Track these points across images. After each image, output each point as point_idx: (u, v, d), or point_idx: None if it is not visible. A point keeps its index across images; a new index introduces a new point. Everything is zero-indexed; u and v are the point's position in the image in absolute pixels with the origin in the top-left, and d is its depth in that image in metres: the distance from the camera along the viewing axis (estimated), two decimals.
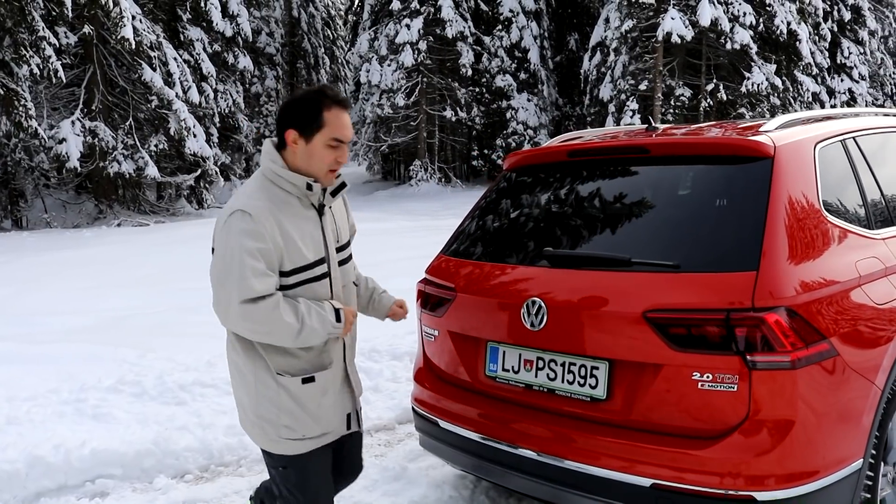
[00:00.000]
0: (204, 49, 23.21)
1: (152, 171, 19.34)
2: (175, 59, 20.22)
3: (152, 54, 19.07)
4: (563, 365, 2.93)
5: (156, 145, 19.85)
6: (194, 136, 20.25)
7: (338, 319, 2.51)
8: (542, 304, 2.94)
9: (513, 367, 3.10)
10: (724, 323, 2.52)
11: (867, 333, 2.84)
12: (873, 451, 2.81)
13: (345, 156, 2.54)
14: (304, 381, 2.54)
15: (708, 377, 2.54)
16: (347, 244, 2.76)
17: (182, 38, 22.44)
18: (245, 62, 26.41)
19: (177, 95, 19.64)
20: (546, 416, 2.97)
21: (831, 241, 2.86)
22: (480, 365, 3.24)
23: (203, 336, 6.49)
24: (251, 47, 29.27)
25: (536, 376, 3.01)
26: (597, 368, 2.82)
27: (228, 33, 24.82)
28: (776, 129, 3.09)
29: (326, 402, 2.60)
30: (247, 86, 29.72)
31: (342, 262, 2.68)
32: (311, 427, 2.57)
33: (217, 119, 23.78)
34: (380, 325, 3.42)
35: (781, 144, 2.89)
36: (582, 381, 2.86)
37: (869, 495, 2.81)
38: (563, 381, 2.92)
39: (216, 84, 23.99)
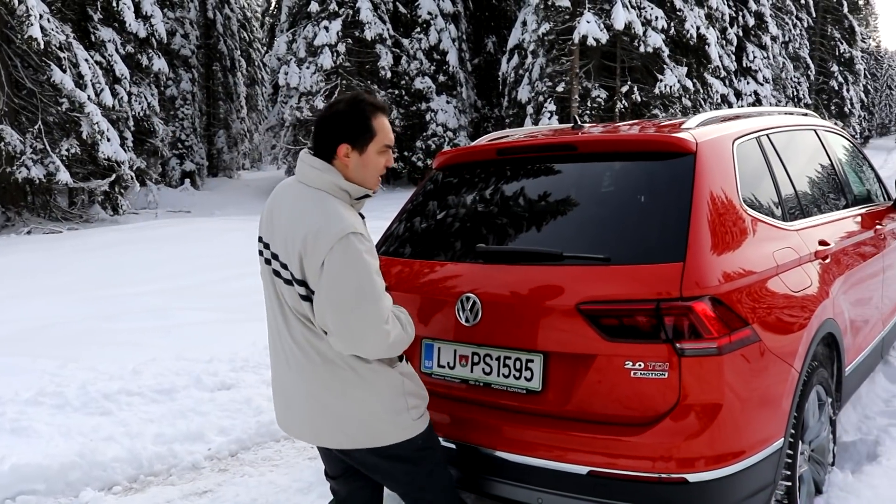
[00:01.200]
0: (116, 50, 22.51)
1: (64, 176, 18.62)
2: (86, 60, 19.54)
3: (62, 55, 18.40)
4: (498, 359, 2.97)
5: (67, 150, 19.11)
6: (108, 140, 19.62)
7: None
8: (476, 300, 2.98)
9: (448, 363, 3.13)
10: (654, 312, 2.61)
11: (785, 320, 2.99)
12: (792, 431, 2.96)
13: (391, 158, 2.61)
14: (406, 360, 2.70)
15: (640, 365, 2.62)
16: None
17: (93, 39, 21.72)
18: (160, 64, 25.73)
19: (89, 98, 18.99)
20: (483, 410, 3.01)
21: (750, 233, 3.00)
22: (415, 362, 3.25)
23: (127, 344, 6.34)
24: (166, 49, 28.55)
25: (472, 371, 3.05)
26: (532, 361, 2.87)
27: (142, 34, 24.13)
28: (696, 126, 3.21)
29: (412, 370, 2.73)
30: (162, 88, 28.97)
31: None
32: (424, 395, 2.71)
33: (132, 122, 23.08)
34: None
35: (703, 141, 3.01)
36: (517, 375, 2.91)
37: (789, 472, 2.96)
38: (498, 375, 2.97)
39: (130, 86, 23.28)
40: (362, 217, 2.61)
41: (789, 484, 2.98)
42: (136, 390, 5.17)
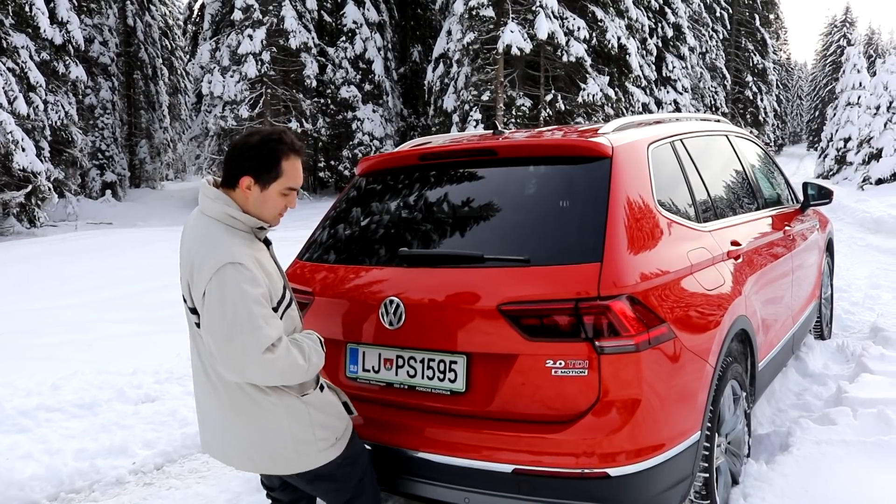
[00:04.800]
0: (31, 57, 21.77)
1: None
2: None
3: None
4: (422, 361, 3.00)
5: None
6: (23, 149, 18.97)
7: (322, 347, 2.69)
8: (400, 303, 3.01)
9: (373, 367, 3.15)
10: (573, 311, 2.68)
11: (700, 317, 3.10)
12: (709, 425, 3.07)
13: (294, 201, 2.62)
14: (321, 389, 2.71)
15: (560, 364, 2.69)
16: None
17: (5, 45, 20.97)
18: (78, 72, 24.97)
19: (1, 106, 18.35)
20: (410, 413, 3.04)
21: (665, 234, 3.10)
22: (341, 367, 3.26)
23: (45, 359, 6.15)
24: (84, 56, 27.76)
25: (397, 374, 3.07)
26: (455, 363, 2.91)
27: (58, 41, 23.41)
28: (612, 131, 3.31)
29: (334, 400, 2.76)
30: (80, 97, 28.15)
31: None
32: (338, 425, 2.70)
33: (48, 132, 22.33)
34: None
35: (618, 145, 3.11)
36: (441, 376, 2.94)
37: (706, 464, 3.07)
38: (423, 377, 3.00)
39: (46, 95, 22.56)
40: (268, 243, 2.69)
41: (707, 475, 3.09)
42: (55, 406, 5.01)
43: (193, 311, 2.52)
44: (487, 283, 2.89)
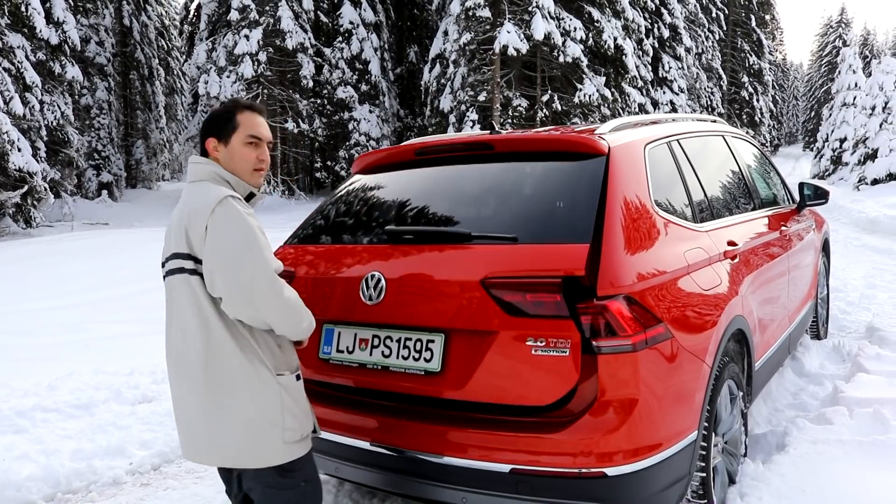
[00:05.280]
0: (27, 57, 21.74)
1: None
2: None
3: None
4: (398, 341, 2.98)
5: None
6: (19, 150, 18.94)
7: None
8: (382, 278, 3.00)
9: (347, 347, 3.13)
10: (559, 288, 2.64)
11: (697, 317, 3.10)
12: (706, 424, 3.07)
13: (266, 154, 2.65)
14: (297, 377, 2.63)
15: (541, 343, 2.67)
16: None
17: (1, 45, 20.94)
18: (74, 72, 24.94)
19: None
20: (405, 412, 3.03)
21: (662, 234, 3.11)
22: (314, 348, 3.23)
23: (42, 360, 6.14)
24: (80, 57, 27.72)
25: (371, 354, 3.05)
26: (432, 342, 2.90)
27: (54, 41, 23.38)
28: (609, 132, 3.32)
29: (304, 394, 2.68)
30: (76, 97, 28.10)
31: None
32: (306, 424, 2.62)
33: (44, 132, 22.30)
34: None
35: (615, 146, 3.12)
36: (417, 356, 2.92)
37: (703, 464, 3.08)
38: (397, 357, 2.98)
39: (42, 95, 22.52)
40: None
41: (704, 475, 3.09)
42: (52, 406, 5.01)
43: (178, 257, 2.50)
44: (473, 259, 2.87)
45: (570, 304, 2.65)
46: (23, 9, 21.50)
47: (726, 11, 49.49)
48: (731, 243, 3.70)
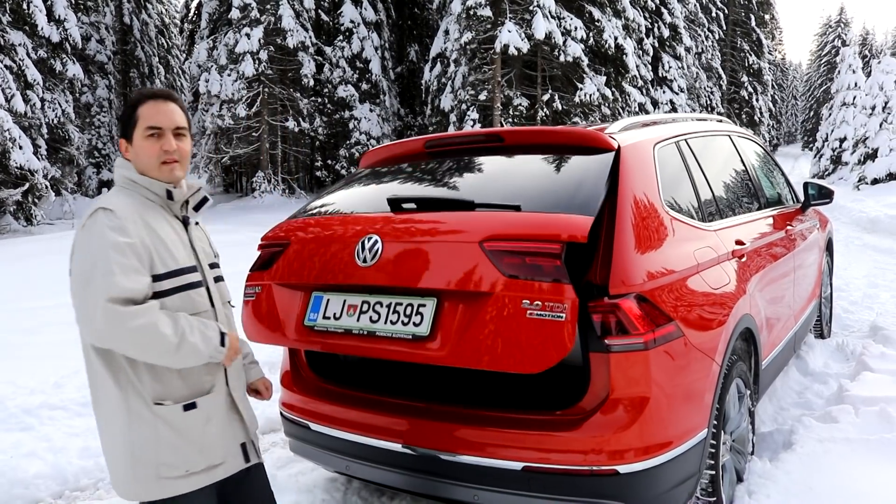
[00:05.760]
0: (28, 55, 21.73)
1: None
2: None
3: None
4: (388, 306, 2.92)
5: None
6: (20, 147, 18.93)
7: (222, 343, 2.30)
8: (379, 240, 2.95)
9: (335, 314, 3.06)
10: (558, 253, 2.58)
11: (706, 316, 3.12)
12: (715, 422, 3.09)
13: (170, 143, 2.34)
14: (186, 407, 2.28)
15: (537, 305, 2.57)
16: (218, 265, 2.57)
17: (2, 42, 20.93)
18: (75, 70, 24.92)
19: None
20: (419, 410, 3.04)
21: (672, 233, 3.12)
22: (300, 316, 3.18)
23: (47, 357, 6.14)
24: (80, 54, 27.69)
25: (358, 320, 2.97)
26: (423, 306, 2.83)
27: (55, 39, 23.37)
28: (619, 131, 3.33)
29: (211, 431, 2.34)
30: (77, 95, 28.07)
31: (218, 279, 2.51)
32: (196, 460, 2.29)
33: (45, 130, 22.31)
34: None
35: (625, 145, 3.13)
36: (406, 320, 2.85)
37: (712, 461, 3.10)
38: (385, 322, 2.90)
39: (43, 92, 22.51)
40: (186, 222, 2.45)
41: (713, 473, 3.11)
42: (58, 404, 5.01)
43: None
44: (473, 224, 2.85)
45: (568, 265, 2.59)
46: (24, 6, 21.48)
47: (726, 11, 49.47)
48: (738, 242, 3.71)
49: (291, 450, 3.71)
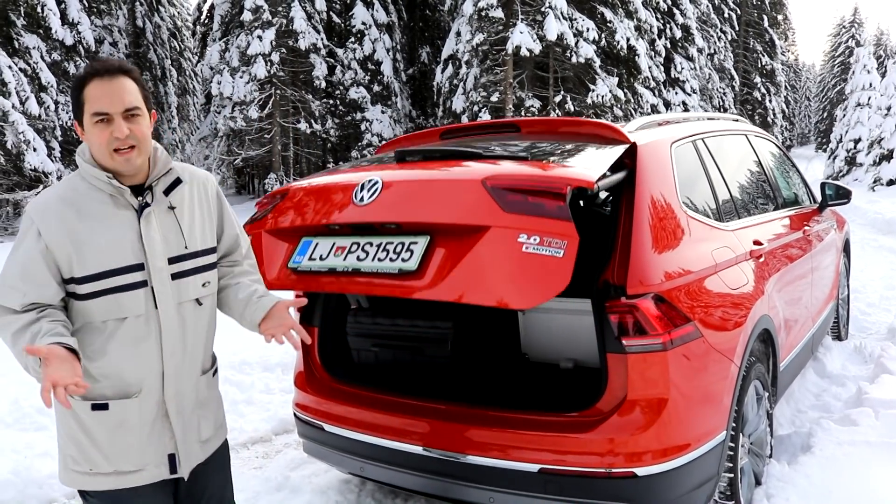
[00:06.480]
0: (42, 58, 21.84)
1: None
2: (10, 67, 18.93)
3: None
4: (378, 246, 2.82)
5: None
6: (34, 149, 19.01)
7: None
8: (380, 181, 2.88)
9: (321, 255, 2.95)
10: (563, 196, 2.50)
11: (725, 316, 3.09)
12: (733, 425, 3.05)
13: (121, 130, 2.05)
14: (95, 407, 2.10)
15: (535, 240, 2.46)
16: (198, 254, 2.25)
17: (17, 46, 21.05)
18: None
19: (13, 106, 18.40)
20: (434, 412, 3.01)
21: (689, 233, 3.09)
22: (285, 260, 3.08)
23: None
24: (94, 57, 27.81)
25: (345, 259, 2.87)
26: (415, 243, 2.73)
27: (69, 42, 23.49)
28: (636, 130, 3.30)
29: (124, 438, 2.12)
30: None
31: (181, 275, 2.19)
32: (99, 462, 2.13)
33: (59, 132, 22.42)
34: (248, 336, 2.81)
35: (642, 144, 3.09)
36: (394, 257, 2.75)
37: (731, 464, 3.05)
38: (373, 260, 2.80)
39: (57, 95, 22.62)
40: (144, 207, 2.14)
41: (732, 475, 3.07)
42: None
43: None
44: (478, 167, 2.81)
45: (573, 207, 2.54)
46: (38, 10, 21.59)
47: (738, 12, 49.24)
48: (756, 242, 3.67)
49: (305, 451, 3.69)
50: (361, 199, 2.87)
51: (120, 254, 2.09)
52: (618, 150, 2.90)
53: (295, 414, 3.64)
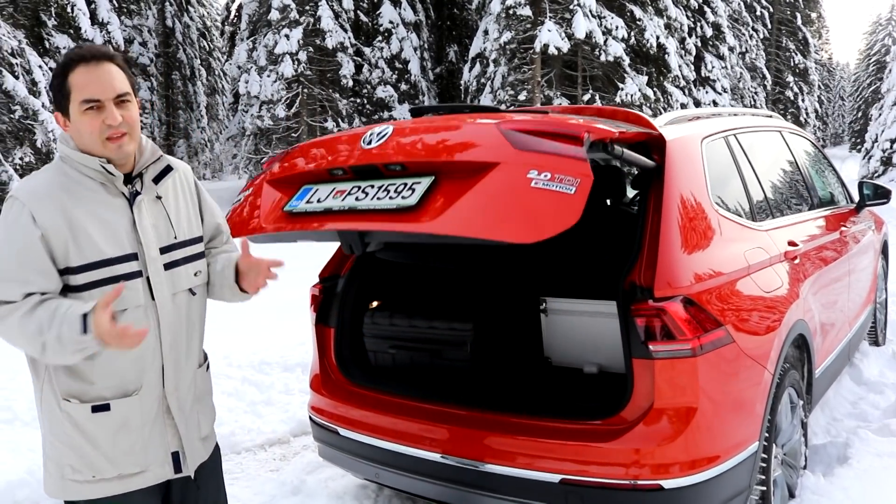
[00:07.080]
0: None
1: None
2: (40, 66, 19.10)
3: (14, 61, 17.98)
4: (379, 187, 2.68)
5: (21, 158, 18.69)
6: None
7: (85, 330, 1.84)
8: (390, 128, 2.77)
9: (319, 199, 2.80)
10: (581, 140, 2.37)
11: (758, 321, 2.95)
12: (766, 435, 2.91)
13: (113, 117, 2.00)
14: (95, 409, 2.02)
15: (545, 176, 2.32)
16: (187, 243, 2.20)
17: (47, 46, 21.29)
18: None
19: (43, 105, 18.54)
20: (456, 419, 2.91)
21: (721, 233, 2.95)
22: (281, 204, 2.93)
23: None
24: (123, 57, 28.09)
25: (344, 201, 2.72)
26: (418, 183, 2.59)
27: (99, 41, 23.72)
28: (664, 125, 3.15)
29: (127, 439, 2.06)
30: None
31: (173, 265, 2.14)
32: (103, 466, 2.05)
33: None
34: (270, 336, 2.72)
35: (671, 139, 2.95)
36: (394, 195, 2.60)
37: (763, 476, 2.91)
38: (372, 199, 2.65)
39: None
40: (135, 195, 2.10)
41: (764, 489, 2.93)
42: None
43: None
44: (494, 118, 2.71)
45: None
46: (68, 10, 21.80)
47: (771, 10, 48.59)
48: (791, 243, 3.52)
49: (320, 455, 3.62)
50: (370, 143, 2.75)
51: (116, 242, 2.03)
52: (643, 128, 2.78)
53: (310, 417, 3.56)
